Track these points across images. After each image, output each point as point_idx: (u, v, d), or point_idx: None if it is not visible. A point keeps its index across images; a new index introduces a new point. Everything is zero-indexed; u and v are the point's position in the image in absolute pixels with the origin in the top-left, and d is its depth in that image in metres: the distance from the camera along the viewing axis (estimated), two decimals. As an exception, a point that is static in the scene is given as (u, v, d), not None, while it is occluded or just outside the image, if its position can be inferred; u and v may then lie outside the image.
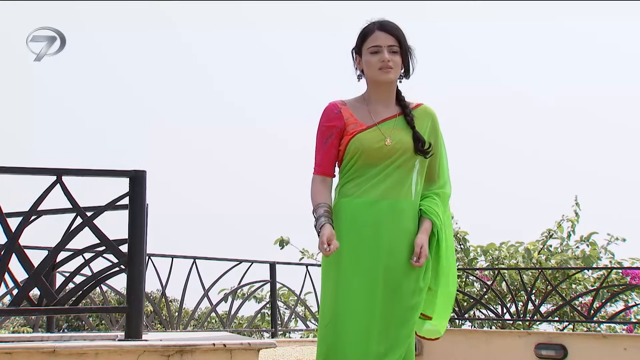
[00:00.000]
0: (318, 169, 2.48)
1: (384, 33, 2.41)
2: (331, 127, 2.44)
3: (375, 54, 2.39)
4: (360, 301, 2.31)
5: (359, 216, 2.37)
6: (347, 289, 2.33)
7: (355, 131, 2.42)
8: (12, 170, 2.80)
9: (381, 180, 2.39)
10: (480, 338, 5.02)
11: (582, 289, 6.56)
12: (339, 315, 2.32)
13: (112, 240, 2.85)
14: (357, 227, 2.36)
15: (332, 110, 2.46)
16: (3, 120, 13.33)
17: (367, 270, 2.33)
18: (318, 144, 2.49)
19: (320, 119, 2.49)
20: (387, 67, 2.39)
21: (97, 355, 2.50)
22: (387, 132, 2.42)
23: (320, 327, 2.40)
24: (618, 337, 4.63)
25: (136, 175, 2.87)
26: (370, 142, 2.40)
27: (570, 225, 7.02)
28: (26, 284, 2.76)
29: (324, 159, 2.47)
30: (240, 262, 6.05)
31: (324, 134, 2.46)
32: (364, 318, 2.30)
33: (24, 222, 2.76)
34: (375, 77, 2.42)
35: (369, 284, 2.33)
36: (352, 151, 2.41)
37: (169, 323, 5.81)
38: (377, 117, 2.45)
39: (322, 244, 2.25)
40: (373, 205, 2.37)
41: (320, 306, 2.45)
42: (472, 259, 7.21)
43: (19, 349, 2.44)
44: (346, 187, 2.43)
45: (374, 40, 2.40)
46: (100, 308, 5.02)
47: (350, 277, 2.34)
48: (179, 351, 2.58)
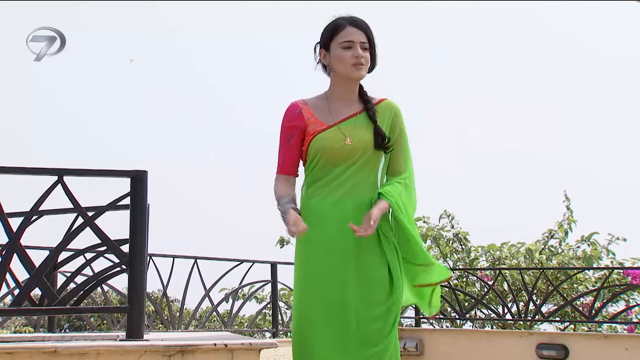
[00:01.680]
0: (281, 169, 2.47)
1: (355, 29, 2.39)
2: (292, 127, 2.44)
3: (348, 50, 2.37)
4: (330, 300, 2.30)
5: (325, 216, 2.36)
6: (316, 287, 2.33)
7: (316, 131, 2.40)
8: (13, 170, 2.80)
9: (345, 180, 2.38)
10: (481, 338, 5.01)
11: (583, 289, 6.56)
12: (309, 316, 2.31)
13: (113, 240, 2.85)
14: (324, 227, 2.35)
15: (293, 111, 2.45)
16: (3, 121, 13.34)
17: (337, 271, 2.32)
18: (281, 144, 2.47)
19: (282, 119, 2.48)
20: (360, 64, 2.38)
21: (98, 355, 2.49)
22: (347, 131, 2.40)
23: (294, 332, 2.39)
24: (619, 337, 4.62)
25: (137, 175, 2.87)
26: (330, 143, 2.38)
27: (568, 223, 7.03)
28: (27, 284, 2.76)
29: (287, 159, 2.46)
30: (241, 262, 6.05)
31: (286, 134, 2.45)
32: (337, 316, 2.29)
33: (25, 222, 2.76)
34: (348, 73, 2.40)
35: (339, 280, 2.32)
36: (313, 152, 2.41)
37: (170, 323, 5.82)
38: (338, 116, 2.44)
39: (289, 225, 2.26)
40: (338, 204, 2.36)
41: (293, 308, 2.44)
42: (474, 259, 7.22)
43: (20, 349, 2.44)
44: (312, 187, 2.43)
45: (346, 35, 2.38)
46: (102, 308, 5.03)
47: (318, 275, 2.33)
48: (180, 351, 2.58)
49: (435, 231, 7.42)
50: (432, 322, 6.84)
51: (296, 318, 2.37)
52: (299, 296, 2.38)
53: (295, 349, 2.36)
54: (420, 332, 5.30)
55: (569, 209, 7.04)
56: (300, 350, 2.33)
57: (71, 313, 4.02)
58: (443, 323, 6.92)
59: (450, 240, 7.42)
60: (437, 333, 5.41)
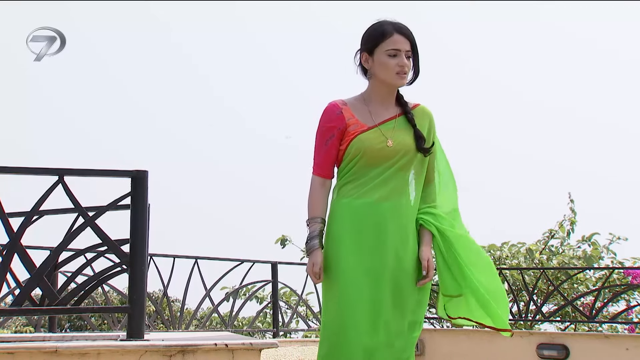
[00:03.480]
0: (318, 170, 2.46)
1: (402, 37, 2.39)
2: (332, 127, 2.42)
3: (394, 57, 2.38)
4: (367, 300, 2.30)
5: (361, 217, 2.36)
6: (354, 290, 2.31)
7: (357, 132, 2.40)
8: (14, 170, 2.80)
9: (382, 182, 2.39)
10: (482, 338, 5.01)
11: (584, 289, 6.55)
12: (345, 315, 2.30)
13: (114, 240, 2.85)
14: (359, 228, 2.35)
15: (334, 111, 2.44)
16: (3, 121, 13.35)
17: (373, 271, 2.32)
18: (318, 144, 2.46)
19: (320, 119, 2.47)
20: (404, 73, 2.40)
21: (99, 355, 2.50)
22: (388, 133, 2.41)
23: (325, 327, 2.38)
24: (620, 337, 4.62)
25: (138, 175, 2.87)
26: (371, 143, 2.39)
27: (570, 224, 7.02)
28: (28, 284, 2.76)
29: (325, 160, 2.45)
30: (242, 262, 6.05)
31: (324, 135, 2.44)
32: (371, 316, 2.30)
33: (26, 222, 2.76)
34: (392, 80, 2.41)
35: (376, 283, 2.32)
36: (353, 152, 2.40)
37: (170, 323, 5.82)
38: (378, 118, 2.44)
39: (313, 274, 2.35)
40: (375, 206, 2.36)
41: (324, 309, 2.44)
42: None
43: (21, 349, 2.44)
44: (346, 187, 2.42)
45: (393, 43, 2.38)
46: (102, 308, 5.03)
47: (355, 277, 2.32)
48: (181, 351, 2.58)
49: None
50: (433, 322, 6.84)
51: (334, 313, 2.34)
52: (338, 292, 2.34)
53: (327, 339, 2.35)
54: (421, 332, 5.29)
55: (573, 211, 7.03)
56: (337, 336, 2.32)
57: (72, 313, 4.02)
58: (444, 323, 6.91)
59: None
60: (438, 333, 5.41)
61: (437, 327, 6.73)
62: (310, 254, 2.36)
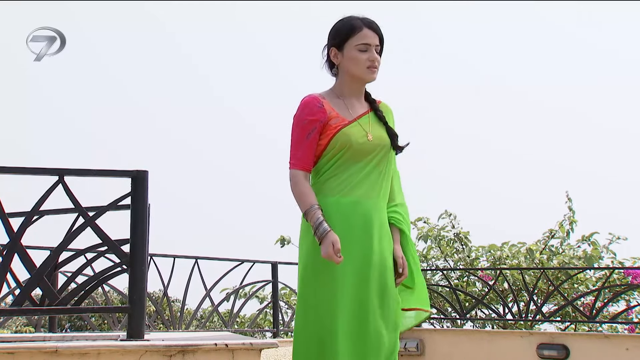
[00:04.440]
0: (299, 164, 2.39)
1: (371, 32, 2.40)
2: (314, 120, 2.38)
3: (364, 52, 2.38)
4: (354, 300, 2.31)
5: (349, 216, 2.35)
6: (342, 288, 2.31)
7: (339, 126, 2.38)
8: (14, 170, 2.80)
9: (364, 178, 2.39)
10: (482, 338, 5.01)
11: (584, 289, 6.55)
12: (332, 319, 2.29)
13: (114, 240, 2.85)
14: (348, 228, 2.34)
15: (315, 104, 2.40)
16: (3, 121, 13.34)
17: (361, 271, 2.32)
18: (299, 138, 2.39)
19: (300, 112, 2.41)
20: (375, 67, 2.40)
21: (99, 355, 2.50)
22: (366, 127, 2.42)
23: (305, 327, 2.34)
24: (620, 337, 4.62)
25: (138, 175, 2.87)
26: (355, 137, 2.38)
27: (569, 224, 7.03)
28: (28, 284, 2.76)
29: (306, 154, 2.39)
30: (242, 262, 6.05)
31: (306, 128, 2.38)
32: (357, 319, 2.31)
33: (26, 222, 2.76)
34: (363, 75, 2.41)
35: (364, 284, 2.32)
36: (338, 146, 2.37)
37: (171, 323, 5.82)
38: (355, 112, 2.44)
39: (335, 253, 2.23)
40: (360, 205, 2.36)
41: (303, 307, 2.36)
42: (474, 259, 7.21)
43: (21, 349, 2.44)
44: (329, 184, 2.39)
45: (363, 37, 2.38)
46: (103, 308, 5.04)
47: (343, 278, 2.31)
48: (181, 351, 2.58)
49: (436, 231, 7.42)
50: (433, 322, 6.84)
51: (316, 317, 2.30)
52: (326, 297, 2.31)
53: (307, 349, 2.32)
54: (421, 332, 5.29)
55: (571, 210, 7.04)
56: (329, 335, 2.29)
57: (72, 313, 4.01)
58: (444, 323, 6.92)
59: (451, 240, 7.42)
60: (438, 333, 5.41)
61: (437, 327, 6.73)
62: (324, 238, 2.25)
